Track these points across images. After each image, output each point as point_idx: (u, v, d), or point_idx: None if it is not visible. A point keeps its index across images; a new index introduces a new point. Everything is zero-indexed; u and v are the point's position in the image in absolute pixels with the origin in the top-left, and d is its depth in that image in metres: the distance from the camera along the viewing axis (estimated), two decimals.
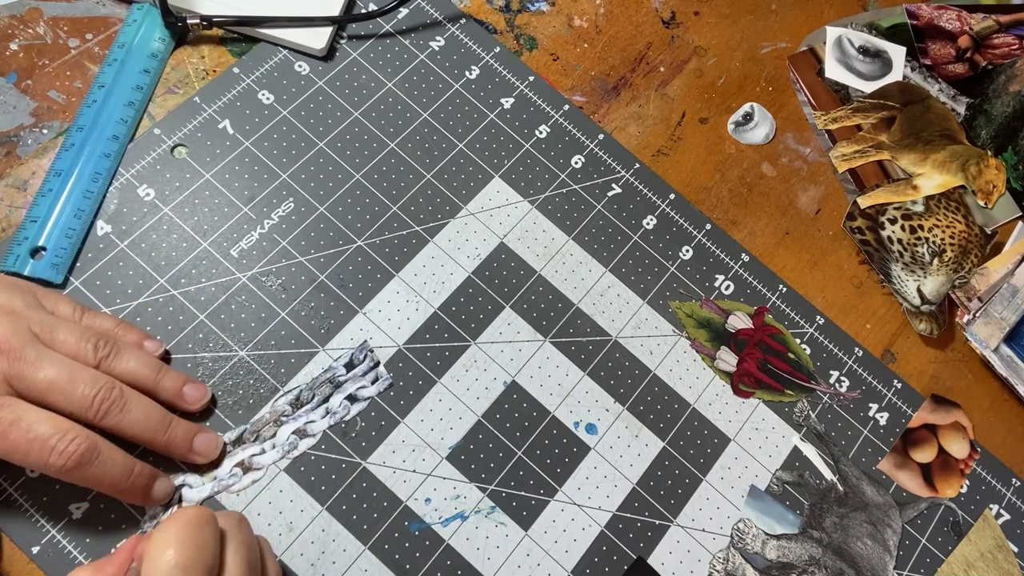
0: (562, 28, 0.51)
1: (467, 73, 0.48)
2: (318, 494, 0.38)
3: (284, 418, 0.39)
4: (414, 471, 0.39)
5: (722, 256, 0.47)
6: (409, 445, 0.40)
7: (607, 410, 0.42)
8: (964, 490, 0.45)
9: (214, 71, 0.45)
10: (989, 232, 0.51)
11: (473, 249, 0.44)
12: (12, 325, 0.33)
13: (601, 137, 0.48)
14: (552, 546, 0.39)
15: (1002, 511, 0.45)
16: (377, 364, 0.41)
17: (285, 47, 0.46)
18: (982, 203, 0.52)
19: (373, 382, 0.40)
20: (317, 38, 0.46)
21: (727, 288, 0.47)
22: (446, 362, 0.42)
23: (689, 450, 0.43)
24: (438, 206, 0.45)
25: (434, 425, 0.40)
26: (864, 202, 0.50)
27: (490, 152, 0.47)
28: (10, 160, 0.41)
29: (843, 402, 0.45)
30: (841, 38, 0.55)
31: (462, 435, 0.40)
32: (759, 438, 0.44)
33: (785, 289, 0.47)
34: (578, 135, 0.48)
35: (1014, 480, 0.46)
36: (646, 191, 0.48)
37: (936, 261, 0.49)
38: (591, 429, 0.42)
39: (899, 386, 0.46)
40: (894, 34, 0.56)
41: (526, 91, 0.48)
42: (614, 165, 0.48)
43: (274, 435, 0.38)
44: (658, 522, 0.41)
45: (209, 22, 0.44)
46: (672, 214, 0.48)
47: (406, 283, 0.43)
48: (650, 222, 0.47)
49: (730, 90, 0.52)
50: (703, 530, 0.41)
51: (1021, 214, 0.52)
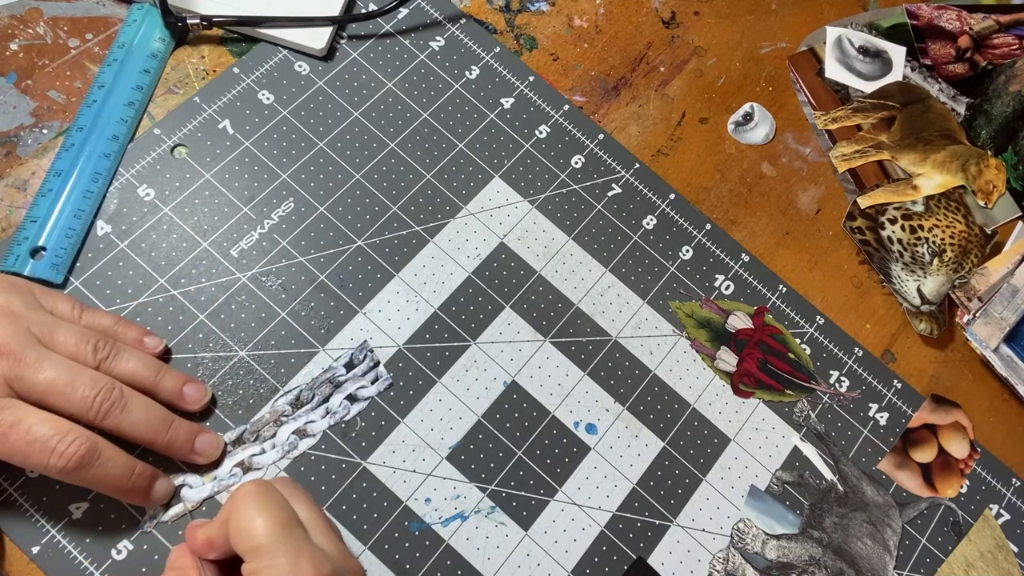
0: (562, 28, 0.51)
1: (467, 73, 0.48)
2: (318, 494, 0.38)
3: (284, 418, 0.39)
4: (414, 471, 0.39)
5: (722, 256, 0.47)
6: (409, 445, 0.40)
7: (607, 410, 0.42)
8: (964, 490, 0.45)
9: (214, 71, 0.45)
10: (989, 232, 0.51)
11: (473, 249, 0.44)
12: (11, 327, 0.33)
13: (601, 137, 0.48)
14: (552, 546, 0.39)
15: (1002, 511, 0.45)
16: (377, 364, 0.41)
17: (285, 47, 0.46)
18: (982, 203, 0.52)
19: (373, 382, 0.40)
20: (317, 38, 0.46)
21: (727, 288, 0.47)
22: (446, 362, 0.42)
23: (689, 450, 0.43)
24: (438, 206, 0.45)
25: (434, 425, 0.40)
26: (864, 202, 0.50)
27: (490, 152, 0.47)
28: (10, 160, 0.41)
29: (843, 402, 0.45)
30: (841, 38, 0.55)
31: (462, 435, 0.40)
32: (759, 438, 0.44)
33: (785, 289, 0.47)
34: (578, 135, 0.48)
35: (1014, 480, 0.46)
36: (646, 191, 0.48)
37: (936, 261, 0.49)
38: (591, 429, 0.42)
39: (899, 386, 0.46)
40: (894, 34, 0.56)
41: (526, 91, 0.48)
42: (614, 165, 0.48)
43: (274, 435, 0.38)
44: (658, 522, 0.41)
45: (209, 22, 0.44)
46: (672, 214, 0.48)
47: (406, 283, 0.43)
48: (650, 222, 0.47)
49: (730, 90, 0.52)
50: (703, 530, 0.41)
51: (1021, 214, 0.52)
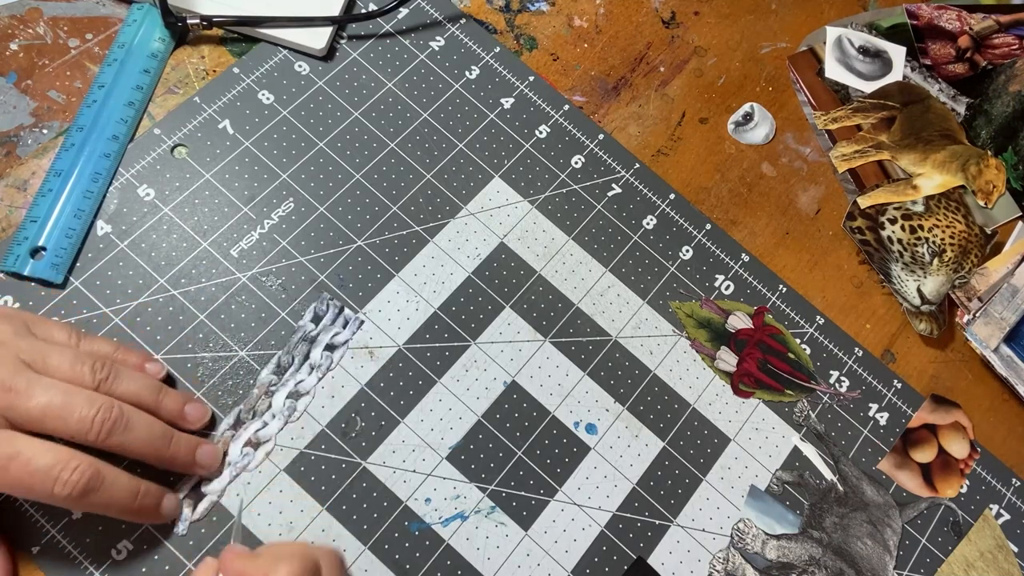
0: (562, 28, 0.51)
1: (467, 73, 0.48)
2: (318, 494, 0.38)
3: (272, 388, 0.39)
4: (414, 471, 0.39)
5: (722, 256, 0.47)
6: (409, 445, 0.40)
7: (607, 410, 0.42)
8: (964, 490, 0.45)
9: (214, 71, 0.45)
10: (989, 232, 0.51)
11: (473, 249, 0.44)
12: None
13: (601, 137, 0.48)
14: (552, 546, 0.39)
15: (1002, 511, 0.45)
16: (341, 309, 0.41)
17: (285, 47, 0.46)
18: (982, 203, 0.52)
19: (344, 326, 0.41)
20: (317, 38, 0.46)
21: (727, 288, 0.47)
22: (446, 362, 0.42)
23: (689, 450, 0.43)
24: (438, 206, 0.45)
25: (434, 425, 0.40)
26: (864, 202, 0.50)
27: (490, 152, 0.47)
28: (10, 160, 0.41)
29: (843, 402, 0.45)
30: (841, 38, 0.55)
31: (462, 435, 0.40)
32: (759, 438, 0.44)
33: (785, 289, 0.47)
34: (578, 135, 0.48)
35: (1014, 480, 0.46)
36: (646, 191, 0.48)
37: (936, 261, 0.49)
38: (591, 429, 0.42)
39: (899, 386, 0.46)
40: (894, 34, 0.56)
41: (526, 91, 0.48)
42: (614, 165, 0.48)
43: (270, 406, 0.39)
44: (658, 522, 0.41)
45: (209, 22, 0.44)
46: (672, 214, 0.48)
47: (406, 283, 0.43)
48: (650, 222, 0.47)
49: (730, 90, 0.52)
50: (703, 530, 0.41)
51: (1021, 214, 0.52)
